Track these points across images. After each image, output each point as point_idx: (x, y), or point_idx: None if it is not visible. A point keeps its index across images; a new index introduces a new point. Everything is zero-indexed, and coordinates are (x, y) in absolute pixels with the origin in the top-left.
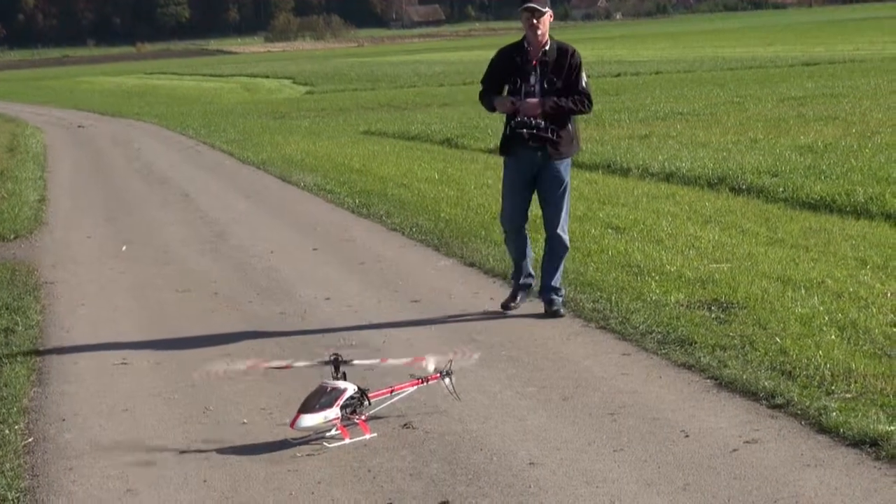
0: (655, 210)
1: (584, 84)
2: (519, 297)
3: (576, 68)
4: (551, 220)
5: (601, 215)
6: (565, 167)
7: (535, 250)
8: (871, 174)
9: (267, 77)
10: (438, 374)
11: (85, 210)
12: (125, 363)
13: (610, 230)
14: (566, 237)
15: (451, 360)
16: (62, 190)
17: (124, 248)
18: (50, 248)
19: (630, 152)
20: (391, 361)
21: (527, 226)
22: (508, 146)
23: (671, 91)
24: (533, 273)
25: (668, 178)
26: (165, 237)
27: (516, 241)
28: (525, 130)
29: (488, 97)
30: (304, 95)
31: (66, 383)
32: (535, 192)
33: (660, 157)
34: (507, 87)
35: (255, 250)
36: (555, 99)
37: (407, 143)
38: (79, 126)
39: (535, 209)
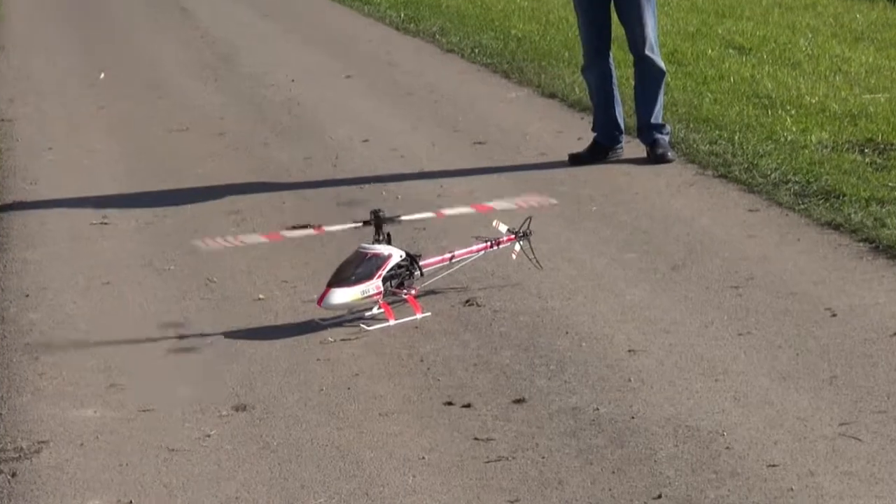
0: (790, 24)
1: None
2: (593, 155)
3: None
4: (635, 40)
5: (720, 31)
6: None
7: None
8: None
9: None
10: (513, 236)
11: (50, 28)
12: (105, 223)
13: (732, 50)
14: (659, 59)
15: (529, 218)
16: (20, 2)
17: (102, 75)
18: (7, 78)
19: None
20: (447, 212)
21: (611, 56)
22: None
23: None
24: (623, 128)
25: None
26: (156, 62)
27: (596, 74)
28: None
29: None
30: None
31: (31, 249)
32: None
33: None
34: None
35: (271, 78)
36: None
37: None
38: None
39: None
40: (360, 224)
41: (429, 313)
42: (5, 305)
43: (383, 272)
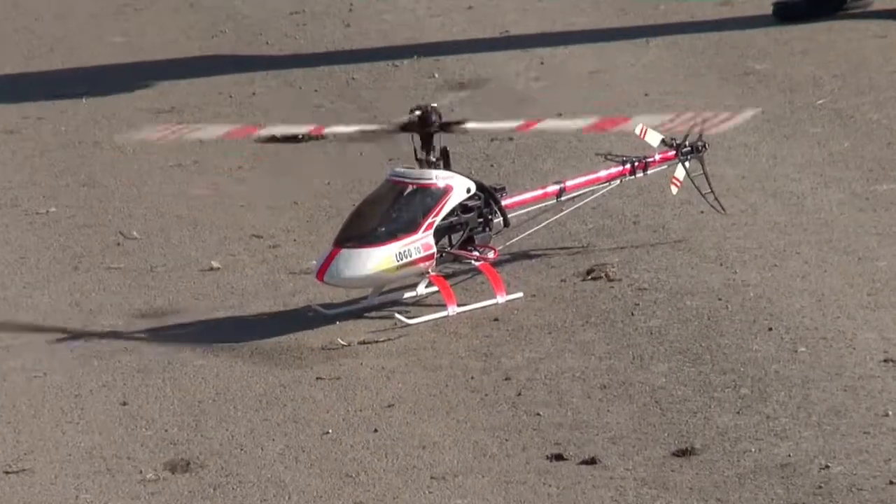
0: None
1: None
2: (817, 5)
3: None
4: None
5: None
6: None
7: None
8: None
9: None
10: (672, 151)
11: None
12: None
13: None
14: None
15: (702, 122)
16: None
17: None
18: None
19: None
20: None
21: None
22: None
23: None
24: None
25: None
26: None
27: None
28: None
29: None
30: None
31: None
32: None
33: None
34: None
35: None
36: None
37: None
38: None
39: None
40: (401, 123)
41: (520, 294)
42: None
43: (437, 219)
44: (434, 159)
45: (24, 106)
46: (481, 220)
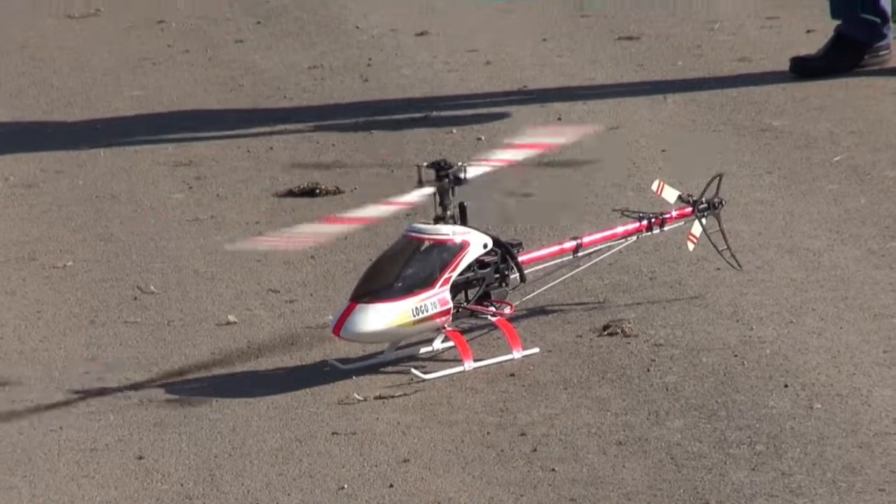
0: None
1: None
2: (834, 60)
3: None
4: None
5: None
6: None
7: None
8: None
9: None
10: (689, 208)
11: None
12: None
13: None
14: None
15: (718, 177)
16: None
17: None
18: None
19: None
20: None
21: None
22: None
23: None
24: (889, 12)
25: None
26: None
27: None
28: None
29: None
30: None
31: None
32: None
33: None
34: None
35: None
36: None
37: None
38: None
39: None
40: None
41: (536, 349)
42: None
43: (453, 275)
44: (451, 214)
45: (42, 159)
46: (498, 275)
